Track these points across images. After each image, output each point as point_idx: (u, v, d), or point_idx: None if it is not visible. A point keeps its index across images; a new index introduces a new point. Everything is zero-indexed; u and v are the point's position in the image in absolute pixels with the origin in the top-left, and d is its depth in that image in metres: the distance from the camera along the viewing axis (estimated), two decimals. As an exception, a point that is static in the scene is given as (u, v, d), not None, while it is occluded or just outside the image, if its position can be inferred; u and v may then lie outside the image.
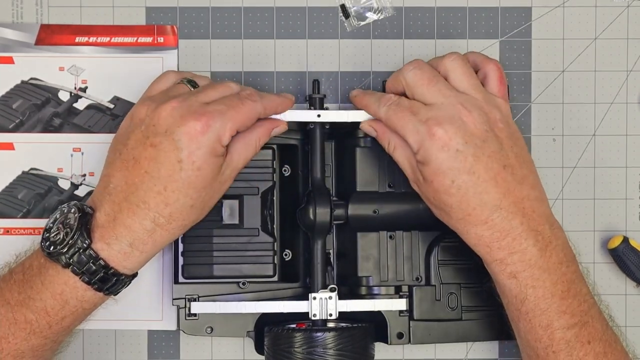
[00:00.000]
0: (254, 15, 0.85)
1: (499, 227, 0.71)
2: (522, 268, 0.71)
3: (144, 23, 0.85)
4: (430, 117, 0.71)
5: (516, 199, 0.71)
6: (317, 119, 0.79)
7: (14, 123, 0.84)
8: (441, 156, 0.71)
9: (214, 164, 0.72)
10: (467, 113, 0.71)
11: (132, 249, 0.71)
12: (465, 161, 0.70)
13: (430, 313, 0.80)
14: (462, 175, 0.71)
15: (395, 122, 0.74)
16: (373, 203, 0.80)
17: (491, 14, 0.86)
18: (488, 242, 0.72)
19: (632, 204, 0.86)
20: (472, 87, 0.74)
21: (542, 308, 0.71)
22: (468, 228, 0.72)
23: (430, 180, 0.72)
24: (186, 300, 0.81)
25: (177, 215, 0.71)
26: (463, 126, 0.71)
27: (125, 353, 0.84)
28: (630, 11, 0.86)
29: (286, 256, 0.82)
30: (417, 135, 0.72)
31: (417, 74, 0.74)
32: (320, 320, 0.79)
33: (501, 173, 0.71)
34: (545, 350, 0.72)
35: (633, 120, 0.86)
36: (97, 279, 0.71)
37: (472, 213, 0.71)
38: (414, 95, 0.74)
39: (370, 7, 0.86)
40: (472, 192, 0.71)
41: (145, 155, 0.71)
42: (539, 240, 0.71)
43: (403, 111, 0.73)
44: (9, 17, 0.85)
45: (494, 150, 0.71)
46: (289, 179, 0.83)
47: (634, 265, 0.83)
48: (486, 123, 0.72)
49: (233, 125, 0.72)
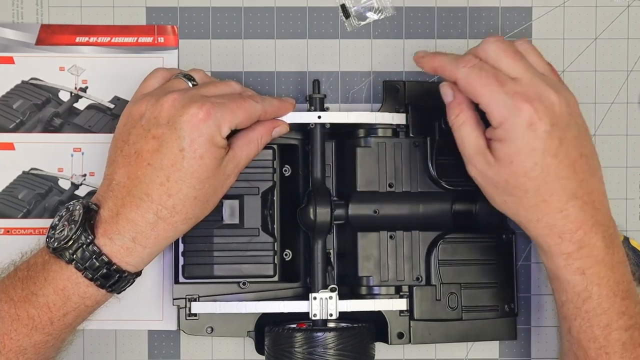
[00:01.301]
0: (254, 15, 0.85)
1: (574, 217, 0.69)
2: (590, 264, 0.69)
3: (144, 23, 0.85)
4: (519, 92, 0.68)
5: (590, 190, 0.69)
6: (318, 120, 0.79)
7: (14, 123, 0.84)
8: (528, 135, 0.67)
9: (216, 154, 0.71)
10: (554, 93, 0.68)
11: (134, 243, 0.71)
12: (551, 143, 0.67)
13: (431, 313, 0.80)
14: (547, 157, 0.68)
15: (477, 87, 0.69)
16: (373, 203, 0.80)
17: (491, 14, 0.86)
18: (560, 233, 0.69)
19: (632, 204, 0.86)
20: (547, 71, 0.72)
21: (604, 307, 0.70)
22: (540, 216, 0.69)
23: (509, 161, 0.68)
24: (186, 300, 0.81)
25: (180, 208, 0.71)
26: (551, 106, 0.68)
27: (125, 353, 0.84)
28: (630, 11, 0.86)
29: (286, 256, 0.82)
30: (503, 108, 0.68)
31: (501, 46, 0.70)
32: (321, 320, 0.79)
33: (579, 161, 0.69)
34: (598, 351, 0.70)
35: (633, 120, 0.86)
36: (99, 275, 0.70)
37: (549, 199, 0.68)
38: (499, 67, 0.70)
39: (371, 7, 0.86)
40: (554, 177, 0.68)
41: (148, 147, 0.71)
42: (606, 236, 0.70)
43: (489, 77, 0.69)
44: (9, 17, 0.85)
45: (574, 136, 0.69)
46: (290, 179, 0.83)
47: (634, 265, 0.83)
48: (569, 106, 0.69)
49: (233, 118, 0.72)
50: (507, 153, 0.68)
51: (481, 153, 0.70)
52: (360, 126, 0.81)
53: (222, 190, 0.74)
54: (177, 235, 0.73)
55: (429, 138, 0.81)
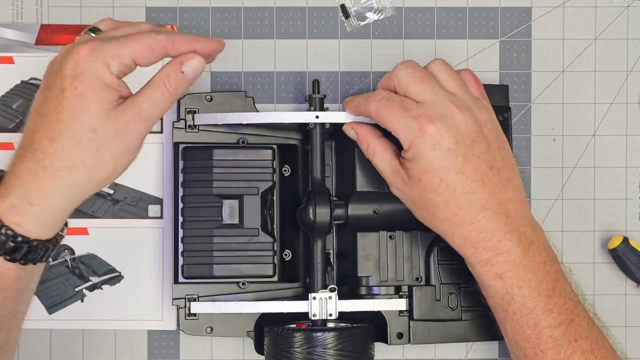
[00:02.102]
0: (254, 15, 0.85)
1: (485, 227, 0.71)
2: (508, 268, 0.71)
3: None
4: (422, 114, 0.71)
5: (501, 201, 0.72)
6: (316, 120, 0.79)
7: (14, 123, 0.84)
8: (432, 154, 0.70)
9: (102, 93, 0.65)
10: (459, 112, 0.71)
11: (20, 200, 0.65)
12: (455, 160, 0.70)
13: (430, 313, 0.80)
14: (452, 174, 0.71)
15: (385, 117, 0.73)
16: (373, 203, 0.80)
17: (491, 14, 0.86)
18: (474, 243, 0.72)
19: (632, 204, 0.86)
20: (459, 88, 0.74)
21: (529, 307, 0.71)
22: (454, 229, 0.72)
23: (418, 179, 0.71)
24: (186, 300, 0.81)
25: (61, 153, 0.65)
26: (455, 125, 0.71)
27: (125, 353, 0.84)
28: (630, 11, 0.86)
29: (286, 256, 0.82)
30: (408, 131, 0.71)
31: (410, 72, 0.73)
32: (320, 320, 0.79)
33: (488, 174, 0.71)
34: (533, 350, 0.72)
35: (633, 120, 0.86)
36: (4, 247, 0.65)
37: (459, 213, 0.71)
38: (407, 93, 0.73)
39: (370, 7, 0.86)
40: (460, 192, 0.71)
41: (41, 99, 0.66)
42: (522, 240, 0.72)
43: (395, 106, 0.72)
44: (9, 17, 0.85)
45: (482, 151, 0.72)
46: (289, 179, 0.83)
47: (634, 265, 0.83)
48: (476, 123, 0.72)
49: (124, 52, 0.66)
50: (416, 172, 0.71)
51: (396, 173, 0.74)
52: (359, 126, 0.81)
53: (122, 143, 0.66)
54: (64, 189, 0.66)
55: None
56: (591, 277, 0.85)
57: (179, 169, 0.81)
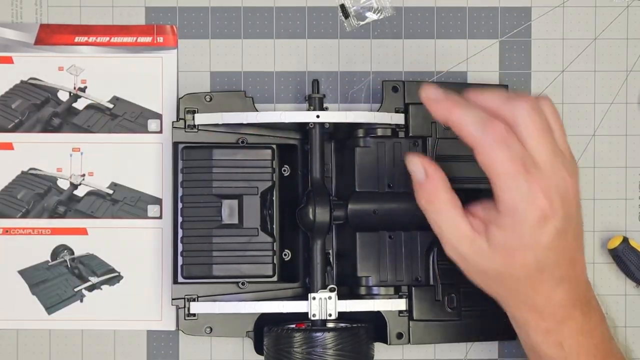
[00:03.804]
0: (253, 15, 0.85)
1: (559, 299, 0.66)
2: (569, 335, 0.67)
3: (143, 23, 0.85)
4: (538, 181, 0.62)
5: (577, 271, 0.67)
6: (316, 120, 0.79)
7: (13, 123, 0.84)
8: (536, 231, 0.62)
9: None
10: (569, 177, 0.64)
11: None
12: (555, 238, 0.63)
13: (430, 313, 0.80)
14: (546, 251, 0.63)
15: (498, 166, 0.62)
16: (373, 203, 0.80)
17: (491, 14, 0.86)
18: (541, 312, 0.66)
19: (632, 204, 0.86)
20: (565, 144, 0.66)
21: None
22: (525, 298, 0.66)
23: (506, 250, 0.63)
24: (185, 300, 0.81)
25: None
26: (565, 195, 0.63)
27: (124, 353, 0.84)
28: (630, 11, 0.86)
29: (286, 256, 0.82)
30: (517, 196, 0.62)
31: (535, 120, 0.63)
32: (320, 321, 0.78)
33: (578, 250, 0.66)
34: None
35: (633, 120, 0.86)
36: None
37: (539, 287, 0.65)
38: (522, 140, 0.63)
39: (370, 7, 0.86)
40: (548, 270, 0.65)
41: None
42: (583, 305, 0.67)
43: (514, 160, 0.62)
44: (9, 16, 0.85)
45: (578, 222, 0.66)
46: (289, 179, 0.83)
47: (633, 266, 0.83)
48: (577, 189, 0.65)
49: None
50: (508, 243, 0.64)
51: (467, 239, 0.65)
52: (359, 126, 0.81)
53: None
54: None
55: (428, 138, 0.81)
56: (591, 277, 0.85)
57: (178, 168, 0.81)
